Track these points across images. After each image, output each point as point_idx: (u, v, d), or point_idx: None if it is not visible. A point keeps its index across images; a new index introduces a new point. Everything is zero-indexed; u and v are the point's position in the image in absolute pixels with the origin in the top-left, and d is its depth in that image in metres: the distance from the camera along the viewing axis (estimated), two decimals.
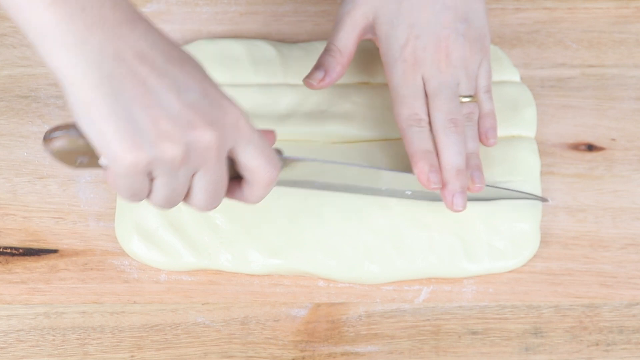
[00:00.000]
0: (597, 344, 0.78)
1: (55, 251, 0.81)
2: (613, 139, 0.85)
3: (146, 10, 0.91)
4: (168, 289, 0.79)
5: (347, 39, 0.79)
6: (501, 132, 0.83)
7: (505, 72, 0.87)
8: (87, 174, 0.84)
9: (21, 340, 0.78)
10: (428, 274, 0.79)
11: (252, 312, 0.79)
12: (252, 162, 0.64)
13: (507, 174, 0.81)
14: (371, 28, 0.79)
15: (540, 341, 0.78)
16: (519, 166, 0.82)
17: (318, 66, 0.79)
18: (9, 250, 0.81)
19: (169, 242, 0.79)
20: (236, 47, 0.87)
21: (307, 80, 0.79)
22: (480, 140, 0.78)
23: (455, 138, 0.75)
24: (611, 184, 0.83)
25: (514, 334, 0.78)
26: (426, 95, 0.77)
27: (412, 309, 0.79)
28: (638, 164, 0.84)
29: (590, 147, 0.85)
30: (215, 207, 0.66)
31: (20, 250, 0.81)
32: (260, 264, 0.79)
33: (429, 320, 0.78)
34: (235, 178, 0.66)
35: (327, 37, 0.89)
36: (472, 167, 0.76)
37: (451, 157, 0.75)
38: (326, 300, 0.79)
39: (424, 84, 0.77)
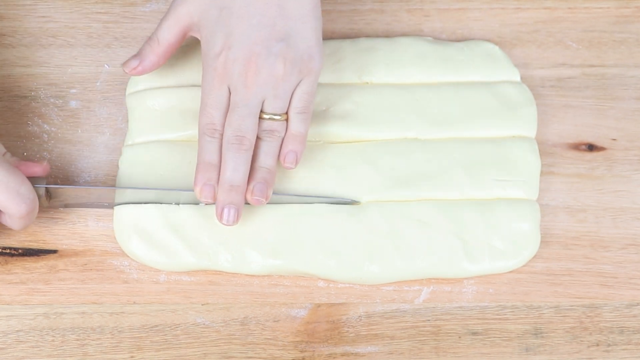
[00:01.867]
0: (597, 345, 0.77)
1: (54, 251, 0.81)
2: (613, 139, 0.85)
3: (146, 9, 0.91)
4: (168, 290, 0.79)
5: (168, 32, 0.80)
6: (501, 131, 0.83)
7: (506, 72, 0.87)
8: (86, 174, 0.83)
9: (20, 341, 0.78)
10: (428, 274, 0.79)
11: (251, 312, 0.79)
12: None
13: (507, 173, 0.81)
14: (197, 27, 0.79)
15: (540, 342, 0.78)
16: (520, 166, 0.82)
17: (136, 54, 0.81)
18: (8, 251, 0.80)
19: (168, 242, 0.79)
20: None
21: (123, 66, 0.81)
22: (279, 159, 0.78)
23: (234, 154, 0.75)
24: (612, 184, 0.83)
25: (514, 334, 0.78)
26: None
27: (412, 309, 0.79)
28: (638, 164, 0.84)
29: (591, 147, 0.85)
30: None
31: (20, 251, 0.81)
32: (260, 265, 0.79)
33: (429, 320, 0.78)
34: None
35: (327, 36, 0.90)
36: (256, 179, 0.76)
37: (226, 172, 0.75)
38: (326, 300, 0.79)
39: (230, 96, 0.77)
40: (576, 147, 0.85)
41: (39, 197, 0.76)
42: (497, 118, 0.84)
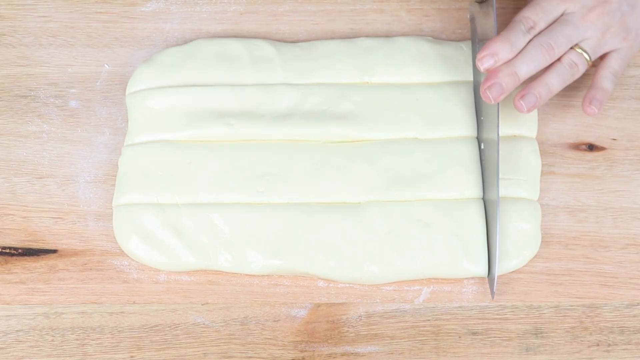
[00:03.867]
0: (597, 345, 0.77)
1: (54, 251, 0.80)
2: (614, 139, 0.85)
3: (146, 9, 0.91)
4: (167, 289, 0.79)
5: None
6: (502, 131, 0.83)
7: None
8: (86, 174, 0.83)
9: (20, 341, 0.77)
10: (428, 274, 0.79)
11: (251, 312, 0.78)
12: None
13: (508, 173, 0.81)
14: None
15: (540, 341, 0.78)
16: (520, 166, 0.82)
17: None
18: (7, 251, 0.80)
19: (168, 242, 0.79)
20: (236, 47, 0.87)
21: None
22: (583, 104, 0.81)
23: (537, 52, 0.79)
24: (612, 184, 0.83)
25: (515, 334, 0.78)
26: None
27: (412, 309, 0.79)
28: (639, 164, 0.84)
29: (591, 147, 0.85)
30: None
31: (20, 251, 0.80)
32: (260, 265, 0.79)
33: (429, 320, 0.78)
34: None
35: (327, 36, 0.90)
36: (534, 89, 0.79)
37: (519, 59, 0.79)
38: (326, 300, 0.79)
39: (563, 13, 0.81)
40: (576, 147, 0.85)
41: None
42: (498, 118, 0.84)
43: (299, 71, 0.86)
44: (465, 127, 0.83)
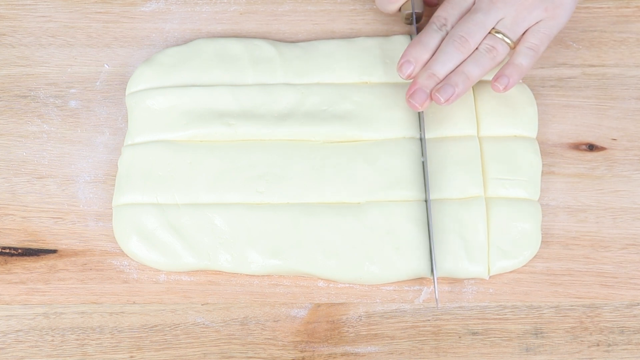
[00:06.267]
0: (597, 345, 0.77)
1: (54, 251, 0.80)
2: (614, 139, 0.85)
3: (146, 9, 0.91)
4: (167, 290, 0.79)
5: None
6: (502, 131, 0.83)
7: None
8: (86, 174, 0.83)
9: (20, 341, 0.77)
10: (428, 274, 0.79)
11: (251, 312, 0.78)
12: None
13: (508, 173, 0.81)
14: None
15: (540, 342, 0.78)
16: (520, 166, 0.82)
17: None
18: (7, 251, 0.80)
19: (168, 242, 0.79)
20: (236, 47, 0.87)
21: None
22: (492, 81, 0.80)
23: (451, 50, 0.79)
24: (612, 184, 0.83)
25: (515, 334, 0.78)
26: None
27: (412, 309, 0.79)
28: (639, 164, 0.84)
29: (591, 147, 0.85)
30: None
31: (19, 251, 0.80)
32: (259, 265, 0.79)
33: (429, 320, 0.78)
34: None
35: (327, 36, 0.90)
36: (451, 80, 0.79)
37: (435, 61, 0.79)
38: (326, 300, 0.79)
39: (473, 5, 0.81)
40: (576, 147, 0.85)
41: None
42: (498, 118, 0.84)
43: (298, 71, 0.86)
44: (465, 126, 0.83)
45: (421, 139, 0.83)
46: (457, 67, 0.79)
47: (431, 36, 0.80)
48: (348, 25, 0.91)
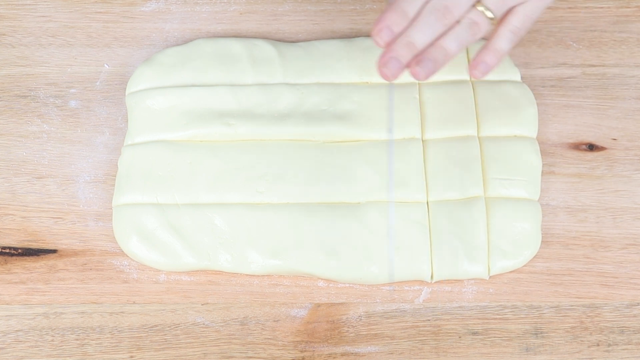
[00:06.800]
0: (597, 345, 0.77)
1: (54, 251, 0.80)
2: (614, 139, 0.85)
3: (146, 9, 0.91)
4: (167, 289, 0.79)
5: None
6: (502, 131, 0.83)
7: (506, 71, 0.86)
8: (86, 174, 0.83)
9: (20, 341, 0.77)
10: (428, 274, 0.79)
11: (251, 312, 0.78)
12: None
13: (508, 173, 0.81)
14: None
15: (540, 341, 0.77)
16: (521, 166, 0.82)
17: None
18: (7, 251, 0.80)
19: (168, 242, 0.79)
20: (236, 46, 0.87)
21: None
22: (470, 66, 0.76)
23: (431, 19, 0.73)
24: (612, 184, 0.83)
25: (515, 334, 0.78)
26: None
27: (412, 309, 0.79)
28: (639, 164, 0.84)
29: (591, 147, 0.85)
30: None
31: (19, 251, 0.80)
32: (259, 265, 0.79)
33: (429, 320, 0.78)
34: None
35: (327, 36, 0.90)
36: (430, 55, 0.73)
37: (413, 29, 0.73)
38: (326, 300, 0.79)
39: None
40: (576, 147, 0.85)
41: None
42: (498, 118, 0.84)
43: (298, 71, 0.86)
44: (465, 126, 0.83)
45: (389, 140, 0.81)
46: (435, 39, 0.74)
47: (411, 2, 0.73)
48: (348, 25, 0.91)
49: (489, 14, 0.74)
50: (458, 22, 0.74)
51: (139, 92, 0.85)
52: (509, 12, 0.75)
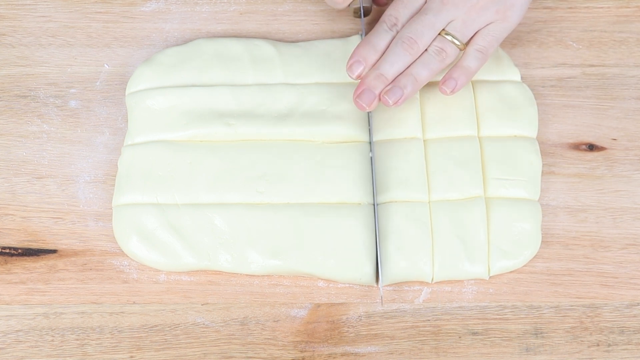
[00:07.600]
0: (597, 345, 0.77)
1: (54, 251, 0.80)
2: (614, 139, 0.85)
3: (145, 9, 0.91)
4: (167, 290, 0.79)
5: None
6: (502, 131, 0.83)
7: (506, 71, 0.86)
8: (86, 174, 0.83)
9: (20, 341, 0.77)
10: (429, 275, 0.79)
11: (251, 312, 0.78)
12: None
13: (508, 173, 0.81)
14: None
15: (540, 341, 0.78)
16: (521, 166, 0.82)
17: None
18: (7, 251, 0.80)
19: (168, 242, 0.79)
20: (235, 46, 0.87)
21: None
22: (440, 83, 0.80)
23: (399, 51, 0.78)
24: (612, 184, 0.83)
25: (515, 334, 0.78)
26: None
27: (412, 309, 0.79)
28: (639, 164, 0.84)
29: (591, 147, 0.85)
30: None
31: (19, 251, 0.80)
32: (259, 265, 0.79)
33: (429, 320, 0.78)
34: None
35: (327, 36, 0.90)
36: (399, 82, 0.79)
37: (384, 62, 0.79)
38: (326, 300, 0.79)
39: (424, 5, 0.80)
40: (576, 147, 0.85)
41: None
42: (498, 118, 0.84)
43: (298, 71, 0.86)
44: (465, 127, 0.83)
45: (370, 143, 0.82)
46: (406, 68, 0.79)
47: (381, 37, 0.79)
48: (348, 25, 0.91)
49: (456, 41, 0.79)
50: (427, 50, 0.79)
51: (139, 92, 0.85)
52: (475, 34, 0.80)
